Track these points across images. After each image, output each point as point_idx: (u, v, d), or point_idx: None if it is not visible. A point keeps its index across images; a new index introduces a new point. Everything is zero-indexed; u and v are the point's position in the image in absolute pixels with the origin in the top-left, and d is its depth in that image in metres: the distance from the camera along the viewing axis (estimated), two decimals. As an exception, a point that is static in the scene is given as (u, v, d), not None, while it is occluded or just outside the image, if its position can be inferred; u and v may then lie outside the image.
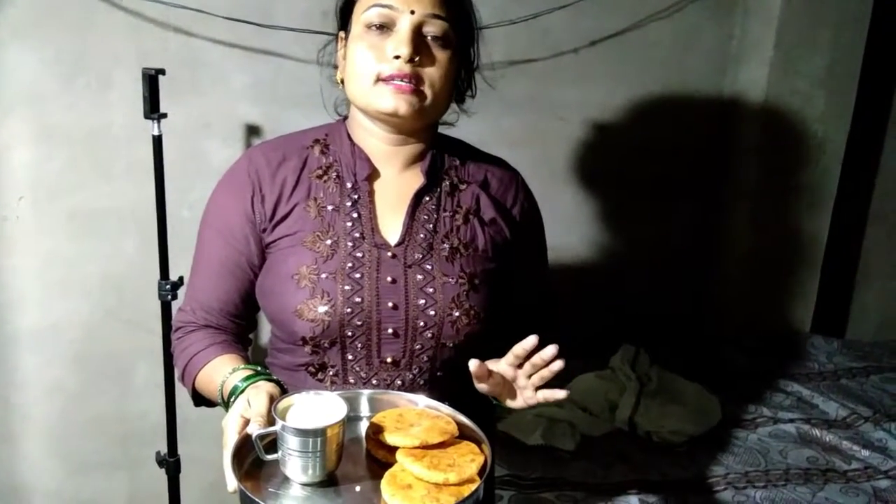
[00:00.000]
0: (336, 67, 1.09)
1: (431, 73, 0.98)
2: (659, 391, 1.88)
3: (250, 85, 1.83)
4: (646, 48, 2.14)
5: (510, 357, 0.94)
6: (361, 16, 0.99)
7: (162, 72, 1.50)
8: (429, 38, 0.99)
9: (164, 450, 1.73)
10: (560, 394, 0.94)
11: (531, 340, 0.92)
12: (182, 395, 1.58)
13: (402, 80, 0.96)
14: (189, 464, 1.76)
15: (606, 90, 2.15)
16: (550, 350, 0.92)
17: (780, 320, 2.34)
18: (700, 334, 2.34)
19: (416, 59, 0.97)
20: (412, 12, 0.97)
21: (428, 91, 0.99)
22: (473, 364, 0.92)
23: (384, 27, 0.98)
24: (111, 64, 1.72)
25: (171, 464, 1.69)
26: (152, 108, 1.50)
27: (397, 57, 0.96)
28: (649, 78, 2.18)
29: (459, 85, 1.08)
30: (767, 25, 2.16)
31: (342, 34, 1.07)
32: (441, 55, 0.99)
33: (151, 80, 1.48)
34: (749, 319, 2.31)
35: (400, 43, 0.96)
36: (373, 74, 0.98)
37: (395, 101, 0.97)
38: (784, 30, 2.14)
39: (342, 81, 1.06)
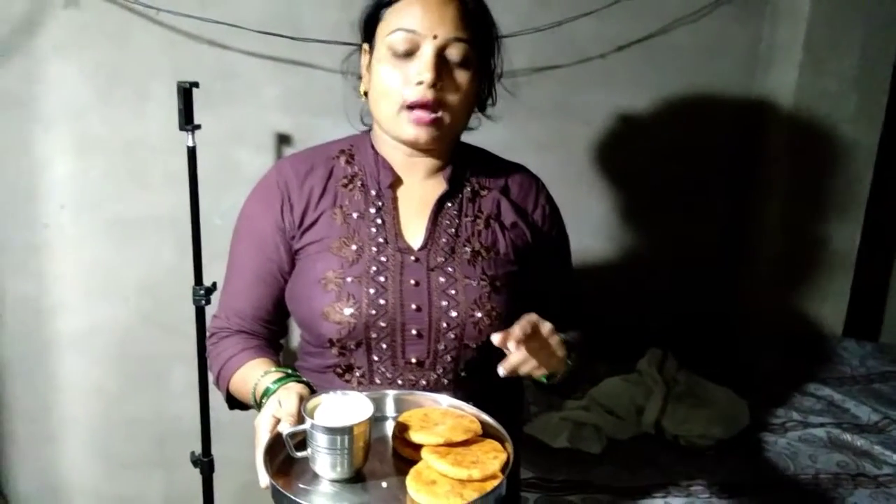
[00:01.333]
0: (360, 78, 1.12)
1: (453, 98, 1.02)
2: (686, 395, 1.87)
3: (281, 95, 1.87)
4: (673, 52, 2.13)
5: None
6: (386, 38, 1.02)
7: (196, 84, 1.55)
8: (451, 61, 1.01)
9: (197, 450, 1.77)
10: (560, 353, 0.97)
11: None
12: (216, 398, 1.62)
13: (423, 110, 1.00)
14: (222, 465, 1.81)
15: (633, 95, 2.15)
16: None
17: (812, 323, 2.31)
18: (729, 337, 2.32)
19: (439, 84, 1.00)
20: (435, 37, 0.99)
21: (447, 117, 1.02)
22: (497, 338, 0.91)
23: (408, 53, 1.01)
24: (147, 77, 1.78)
25: (204, 464, 1.74)
26: (187, 119, 1.55)
27: (420, 83, 0.99)
28: (676, 82, 2.17)
29: (481, 94, 1.11)
30: (796, 27, 2.13)
31: (366, 46, 1.10)
32: (463, 77, 1.03)
33: (186, 93, 1.53)
34: (780, 323, 2.28)
35: (423, 68, 0.99)
36: (398, 100, 1.01)
37: (415, 131, 1.02)
38: (813, 31, 2.11)
39: (366, 94, 1.09)
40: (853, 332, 2.35)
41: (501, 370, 0.93)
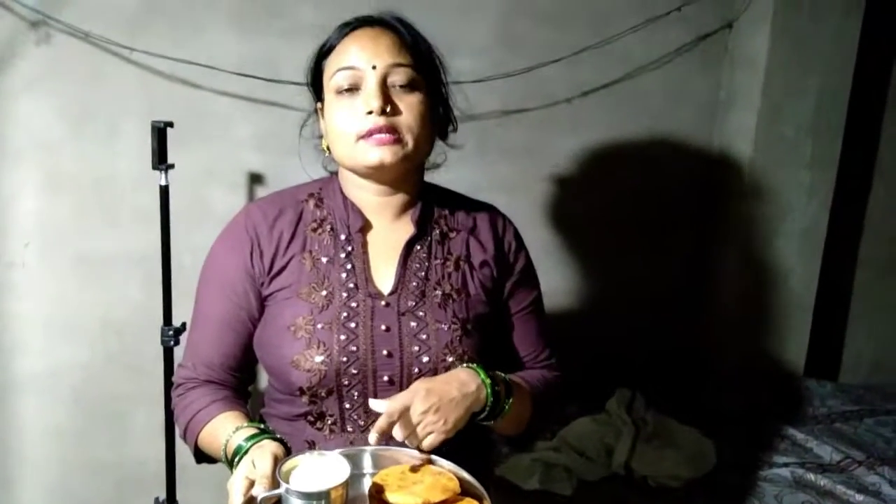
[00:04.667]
0: (321, 137, 1.13)
1: (406, 119, 1.03)
2: (655, 435, 1.89)
3: (255, 134, 1.87)
4: (637, 98, 2.20)
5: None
6: (330, 82, 1.04)
7: (170, 124, 1.54)
8: (396, 86, 1.03)
9: (162, 495, 1.73)
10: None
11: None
12: (182, 441, 1.60)
13: (380, 133, 1.01)
14: (187, 510, 1.77)
15: (599, 138, 2.20)
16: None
17: (774, 363, 2.37)
18: (694, 377, 2.36)
19: (388, 109, 1.01)
20: (374, 67, 1.02)
21: (407, 137, 1.03)
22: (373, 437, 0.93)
23: (353, 88, 1.03)
24: (119, 115, 1.77)
25: (170, 510, 1.70)
26: (160, 159, 1.54)
27: (370, 112, 1.01)
28: (640, 126, 2.23)
29: (439, 121, 1.12)
30: (754, 74, 2.22)
31: (319, 105, 1.11)
32: (411, 99, 1.04)
33: (160, 133, 1.53)
34: (743, 363, 2.33)
35: (369, 98, 1.01)
36: (353, 134, 1.02)
37: (379, 153, 1.02)
38: (770, 78, 2.20)
39: (328, 148, 1.10)
40: (813, 372, 2.41)
41: (372, 437, 0.92)
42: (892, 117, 2.49)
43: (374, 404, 0.93)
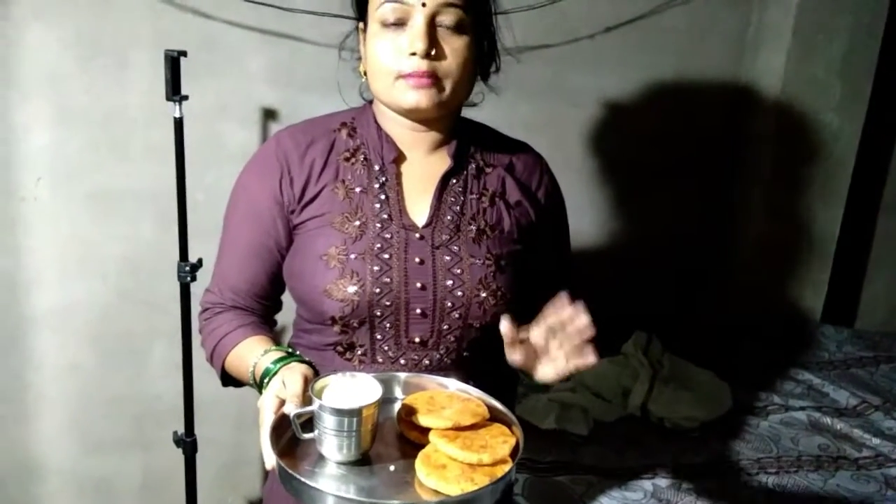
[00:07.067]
0: (360, 59, 1.09)
1: (449, 65, 0.99)
2: (671, 378, 1.89)
3: (268, 68, 1.83)
4: (662, 34, 2.13)
5: (543, 328, 0.90)
6: (376, 12, 0.99)
7: (184, 54, 1.49)
8: (443, 26, 0.98)
9: (179, 430, 1.74)
10: (591, 359, 0.92)
11: (564, 308, 0.89)
12: (199, 377, 1.60)
13: (420, 77, 0.97)
14: (202, 445, 1.78)
15: (622, 76, 2.14)
16: (574, 311, 0.89)
17: (792, 309, 2.35)
18: (712, 321, 2.34)
19: (433, 52, 0.97)
20: (423, 5, 0.96)
21: (447, 83, 0.99)
22: (505, 325, 0.90)
23: (398, 22, 0.98)
24: (129, 45, 1.72)
25: (188, 444, 1.70)
26: (174, 90, 1.49)
27: (414, 53, 0.96)
28: (665, 64, 2.17)
29: (483, 61, 1.07)
30: (785, 12, 2.15)
31: (361, 25, 1.07)
32: (458, 43, 0.99)
33: (174, 63, 1.48)
34: (761, 307, 2.32)
35: (415, 38, 0.96)
36: (392, 72, 0.98)
37: (416, 96, 0.98)
38: (802, 17, 2.13)
39: (365, 73, 1.06)
40: (830, 317, 2.40)
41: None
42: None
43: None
